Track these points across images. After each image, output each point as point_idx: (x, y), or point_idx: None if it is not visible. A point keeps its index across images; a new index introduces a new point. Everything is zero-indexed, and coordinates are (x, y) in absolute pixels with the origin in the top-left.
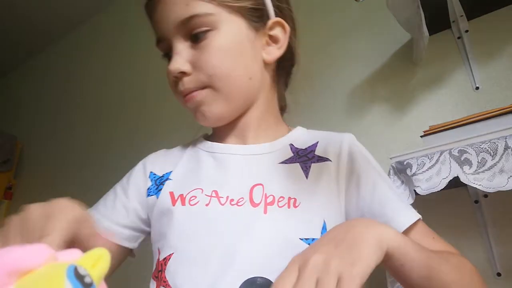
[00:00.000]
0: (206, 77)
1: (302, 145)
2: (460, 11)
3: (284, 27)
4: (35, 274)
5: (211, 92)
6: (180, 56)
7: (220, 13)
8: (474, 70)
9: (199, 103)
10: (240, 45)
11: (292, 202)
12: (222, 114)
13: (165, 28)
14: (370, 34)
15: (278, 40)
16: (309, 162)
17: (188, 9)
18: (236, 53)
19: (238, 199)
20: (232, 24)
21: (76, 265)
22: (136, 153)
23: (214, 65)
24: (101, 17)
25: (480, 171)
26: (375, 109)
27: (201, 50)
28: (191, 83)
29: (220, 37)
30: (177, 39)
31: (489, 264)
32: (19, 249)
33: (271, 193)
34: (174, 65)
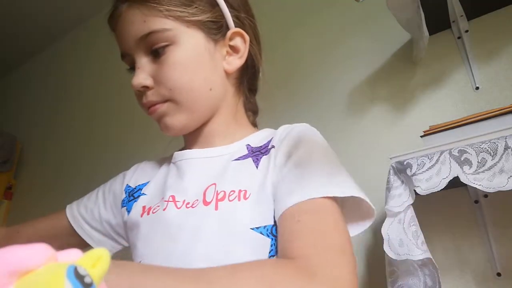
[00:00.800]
0: (166, 91)
1: (258, 143)
2: (460, 11)
3: (244, 37)
4: (35, 274)
5: (172, 105)
6: (142, 71)
7: (177, 28)
8: (474, 70)
9: (161, 115)
10: (199, 58)
11: (242, 194)
12: (184, 125)
13: (126, 44)
14: (370, 34)
15: (238, 49)
16: (260, 155)
17: (146, 25)
18: (195, 66)
19: (193, 201)
20: (190, 38)
21: (76, 265)
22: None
23: (173, 79)
24: (100, 18)
25: (480, 171)
26: (375, 109)
27: (161, 64)
28: (153, 96)
29: (178, 51)
30: (138, 55)
31: (489, 264)
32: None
33: (222, 189)
34: (136, 80)
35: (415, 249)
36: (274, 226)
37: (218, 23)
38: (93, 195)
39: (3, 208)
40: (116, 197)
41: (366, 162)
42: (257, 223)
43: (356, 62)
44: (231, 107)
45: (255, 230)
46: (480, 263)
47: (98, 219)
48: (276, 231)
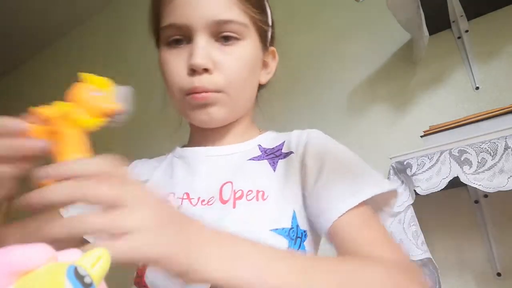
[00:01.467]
0: (224, 81)
1: (269, 145)
2: (460, 11)
3: (275, 57)
4: (35, 274)
5: (224, 97)
6: (206, 52)
7: (250, 27)
8: (474, 70)
9: (209, 104)
10: (256, 61)
11: (260, 195)
12: (225, 118)
13: (194, 18)
14: (370, 34)
15: (268, 66)
16: (276, 159)
17: (229, 12)
18: (252, 67)
19: (208, 198)
20: (254, 41)
21: (76, 265)
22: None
23: (235, 72)
24: (100, 18)
25: (480, 171)
26: (375, 109)
27: (226, 53)
28: (210, 83)
29: (245, 48)
30: (203, 34)
31: (489, 264)
32: (19, 249)
33: (239, 188)
34: (201, 59)
35: (415, 249)
36: (291, 229)
37: (267, 37)
38: None
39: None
40: None
41: (366, 162)
42: (276, 225)
43: (356, 62)
44: (251, 112)
45: (274, 232)
46: (480, 263)
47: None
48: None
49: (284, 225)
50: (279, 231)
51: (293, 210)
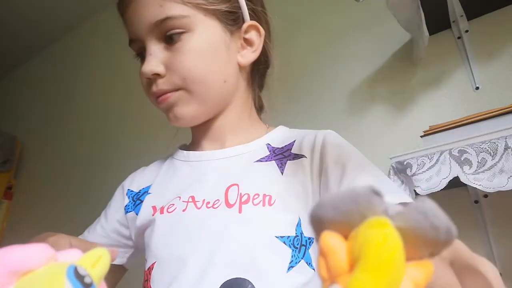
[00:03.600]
0: (179, 79)
1: (279, 144)
2: (460, 11)
3: (259, 31)
4: (35, 274)
5: (184, 94)
6: (154, 58)
7: (194, 15)
8: (474, 70)
9: (171, 105)
10: (215, 47)
11: (267, 199)
12: (194, 115)
13: (138, 28)
14: (370, 34)
15: (252, 43)
16: (285, 159)
17: (162, 10)
18: (211, 56)
19: (214, 201)
20: (206, 27)
21: (76, 265)
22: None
23: (188, 68)
24: (99, 18)
25: (480, 171)
26: (375, 109)
27: (175, 52)
28: (165, 84)
29: (194, 39)
30: (150, 40)
31: None
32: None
33: (246, 191)
34: (148, 67)
35: None
36: (296, 237)
37: (235, 14)
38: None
39: (3, 208)
40: (117, 207)
41: None
42: (282, 232)
43: (356, 62)
44: (243, 102)
45: (279, 239)
46: None
47: (102, 234)
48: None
49: (289, 233)
50: (284, 239)
51: (299, 216)
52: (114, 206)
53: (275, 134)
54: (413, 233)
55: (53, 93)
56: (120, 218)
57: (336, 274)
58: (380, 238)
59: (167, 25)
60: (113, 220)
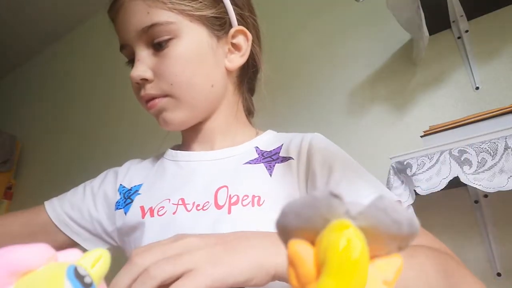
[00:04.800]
0: (167, 85)
1: (267, 147)
2: (460, 11)
3: (247, 35)
4: (35, 274)
5: (172, 100)
6: (142, 63)
7: (181, 22)
8: (474, 70)
9: (160, 110)
10: (201, 53)
11: (256, 200)
12: (183, 121)
13: (127, 35)
14: (370, 34)
15: (240, 48)
16: (273, 162)
17: (149, 17)
18: (197, 61)
19: (203, 203)
20: (193, 33)
21: (76, 265)
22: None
23: (174, 74)
24: (99, 18)
25: (480, 171)
26: (375, 109)
27: (162, 58)
28: (152, 89)
29: (181, 45)
30: (139, 46)
31: (489, 264)
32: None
33: (235, 193)
34: (136, 72)
35: None
36: None
37: (221, 19)
38: (78, 192)
39: (3, 208)
40: (108, 198)
41: (366, 162)
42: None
43: (356, 62)
44: (231, 105)
45: None
46: (480, 263)
47: (88, 219)
48: None
49: None
50: None
51: None
52: (104, 194)
53: (263, 138)
54: (377, 230)
55: (53, 93)
56: (109, 213)
57: (305, 282)
58: (341, 241)
59: (154, 32)
60: (102, 212)
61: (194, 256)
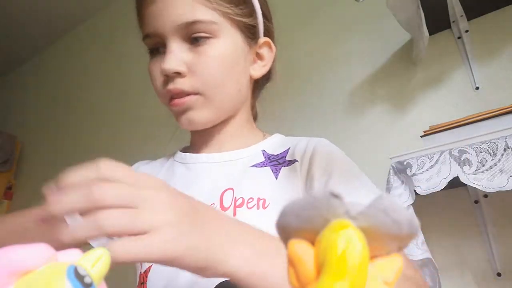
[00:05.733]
0: (200, 83)
1: (274, 151)
2: (460, 11)
3: (271, 47)
4: (35, 274)
5: (201, 99)
6: (176, 56)
7: (222, 23)
8: (474, 70)
9: (187, 108)
10: (236, 57)
11: (261, 203)
12: (208, 120)
13: (162, 25)
14: (370, 34)
15: (263, 58)
16: (279, 166)
17: (194, 13)
18: (231, 65)
19: (209, 205)
20: (231, 36)
21: (76, 265)
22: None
23: (210, 73)
24: (100, 17)
25: (480, 171)
26: (375, 109)
27: (199, 55)
28: (184, 85)
29: (219, 46)
30: (174, 39)
31: (489, 264)
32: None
33: (240, 195)
34: (170, 64)
35: (415, 249)
36: None
37: (254, 28)
38: None
39: (3, 208)
40: None
41: (366, 162)
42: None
43: (356, 62)
44: (247, 111)
45: None
46: (480, 263)
47: None
48: None
49: None
50: None
51: None
52: None
53: (271, 141)
54: (377, 230)
55: (53, 93)
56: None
57: (305, 282)
58: (341, 241)
59: (196, 28)
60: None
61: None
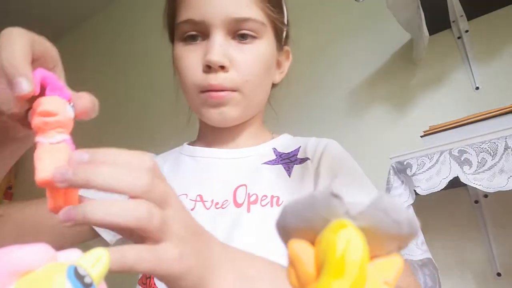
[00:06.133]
0: (241, 80)
1: (284, 149)
2: (460, 11)
3: (288, 57)
4: (35, 274)
5: (239, 96)
6: (222, 49)
7: (267, 26)
8: (474, 70)
9: (223, 103)
10: (270, 60)
11: (275, 200)
12: (239, 118)
13: (212, 14)
14: (370, 34)
15: (281, 66)
16: (291, 164)
17: (248, 10)
18: (268, 66)
19: (222, 201)
20: (270, 39)
21: (76, 265)
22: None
23: (252, 71)
24: (100, 18)
25: (480, 171)
26: (375, 109)
27: (243, 52)
28: (226, 81)
29: (262, 47)
30: (219, 31)
31: (489, 264)
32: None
33: (254, 192)
34: (218, 57)
35: (415, 249)
36: None
37: (282, 35)
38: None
39: None
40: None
41: (366, 162)
42: None
43: (356, 62)
44: (262, 112)
45: None
46: (480, 263)
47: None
48: None
49: None
50: None
51: None
52: None
53: (280, 140)
54: (377, 230)
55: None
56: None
57: (305, 282)
58: (341, 241)
59: (246, 25)
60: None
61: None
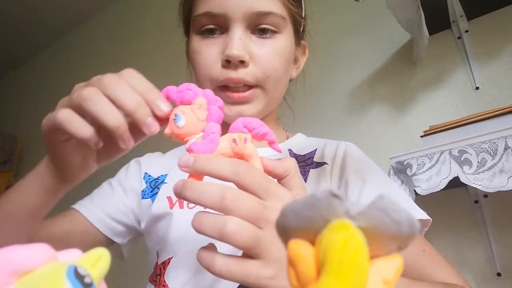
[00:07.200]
0: (262, 75)
1: (300, 151)
2: (460, 11)
3: (305, 51)
4: (35, 274)
5: (260, 92)
6: (243, 44)
7: (287, 20)
8: (474, 70)
9: (243, 102)
10: (290, 55)
11: None
12: (259, 114)
13: (233, 7)
14: (370, 34)
15: (298, 61)
16: (307, 167)
17: (269, 4)
18: (288, 62)
19: None
20: (289, 35)
21: (76, 265)
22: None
23: (273, 67)
24: (101, 17)
25: (480, 171)
26: (375, 109)
27: (263, 46)
28: (247, 75)
29: (282, 41)
30: (240, 25)
31: (489, 264)
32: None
33: None
34: (239, 51)
35: None
36: None
37: (300, 30)
38: (105, 189)
39: None
40: (135, 188)
41: None
42: None
43: (356, 62)
44: (277, 109)
45: None
46: (480, 263)
47: (123, 209)
48: None
49: None
50: None
51: None
52: (131, 184)
53: (295, 141)
54: (377, 230)
55: (53, 93)
56: (137, 201)
57: (305, 282)
58: (341, 241)
59: (267, 20)
60: (133, 200)
61: (271, 252)
